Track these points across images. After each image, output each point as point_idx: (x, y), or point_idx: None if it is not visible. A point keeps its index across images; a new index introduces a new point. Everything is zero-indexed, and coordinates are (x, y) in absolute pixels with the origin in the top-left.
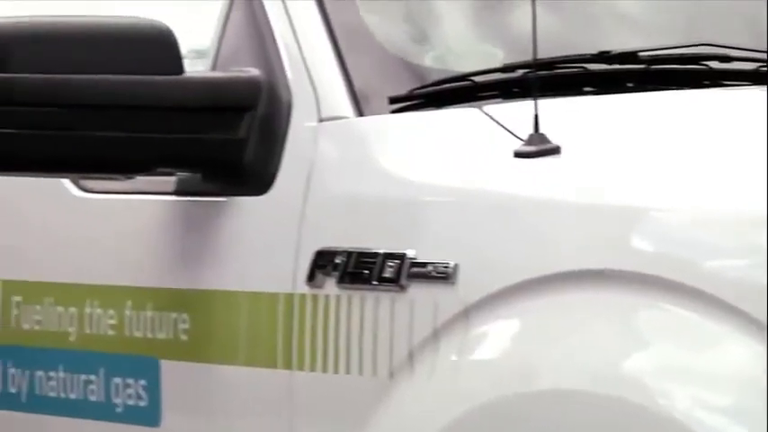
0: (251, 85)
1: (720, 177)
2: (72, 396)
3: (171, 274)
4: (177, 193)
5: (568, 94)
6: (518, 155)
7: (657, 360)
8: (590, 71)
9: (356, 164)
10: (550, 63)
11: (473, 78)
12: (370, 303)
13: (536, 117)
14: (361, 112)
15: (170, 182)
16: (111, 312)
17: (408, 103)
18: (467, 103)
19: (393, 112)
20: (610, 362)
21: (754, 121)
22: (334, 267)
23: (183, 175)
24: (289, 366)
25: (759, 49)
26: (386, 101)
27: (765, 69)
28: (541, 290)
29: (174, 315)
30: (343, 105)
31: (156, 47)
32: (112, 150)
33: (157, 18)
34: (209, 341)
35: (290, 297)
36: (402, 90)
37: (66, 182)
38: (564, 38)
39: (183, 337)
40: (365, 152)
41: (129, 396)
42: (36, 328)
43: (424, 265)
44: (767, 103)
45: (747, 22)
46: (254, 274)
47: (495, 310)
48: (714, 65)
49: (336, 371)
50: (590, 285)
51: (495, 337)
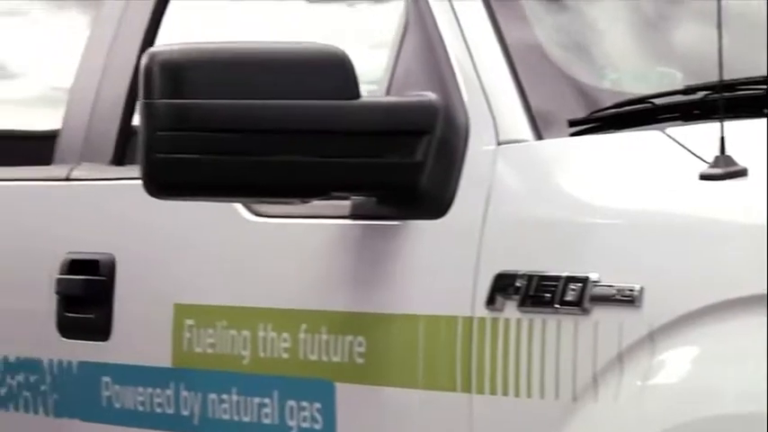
0: (427, 109)
1: None
2: (245, 419)
3: (346, 298)
4: (352, 216)
5: (752, 115)
6: (704, 177)
7: None
8: None
9: (536, 187)
10: (735, 84)
11: (653, 100)
12: (551, 327)
13: (722, 139)
14: (539, 136)
15: (344, 205)
16: (286, 335)
17: (588, 125)
18: (646, 126)
19: (572, 134)
20: None
21: None
22: (515, 291)
23: (358, 198)
24: (468, 390)
25: None
26: (564, 123)
27: None
28: (726, 313)
29: (350, 338)
30: (522, 128)
31: (333, 71)
32: (290, 175)
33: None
34: (385, 364)
35: (468, 320)
36: (577, 112)
37: (239, 206)
38: (743, 59)
39: (359, 360)
40: (546, 175)
41: (304, 419)
42: (209, 351)
43: (607, 288)
44: None
45: None
46: (431, 298)
47: (680, 333)
48: None
49: (517, 394)
50: None
51: (680, 360)
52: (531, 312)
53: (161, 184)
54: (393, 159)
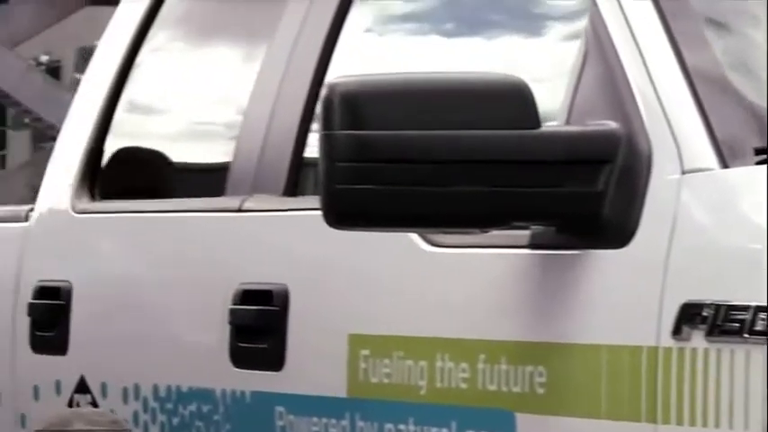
0: (609, 138)
1: None
2: None
3: (526, 327)
4: (531, 246)
5: None
6: None
7: None
8: None
9: (723, 216)
10: None
11: None
12: (740, 356)
13: None
14: (725, 164)
15: (523, 235)
16: (464, 365)
17: None
18: None
19: (758, 162)
20: None
21: None
22: (702, 320)
23: (538, 228)
24: (653, 420)
25: None
26: (749, 151)
27: None
28: None
29: (530, 368)
30: (708, 157)
31: (513, 101)
32: (470, 205)
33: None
34: (567, 394)
35: (654, 350)
36: (761, 139)
37: (414, 236)
38: None
39: (540, 391)
40: (733, 204)
41: None
42: (385, 381)
43: None
44: None
45: None
46: (614, 327)
47: None
48: None
49: (705, 424)
50: None
51: None
52: (719, 342)
53: (340, 214)
54: (574, 189)
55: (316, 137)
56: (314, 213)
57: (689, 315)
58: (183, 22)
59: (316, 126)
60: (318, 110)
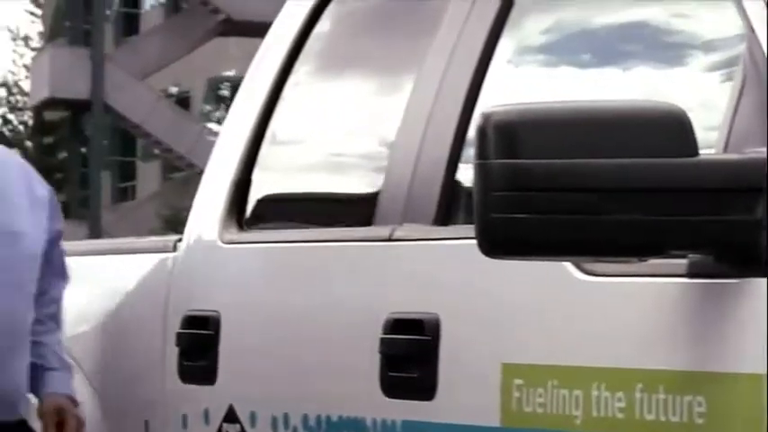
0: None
1: None
2: None
3: (684, 357)
4: (689, 275)
5: None
6: None
7: None
8: None
9: None
10: None
11: None
12: None
13: None
14: None
15: (680, 264)
16: (620, 395)
17: None
18: None
19: None
20: None
21: None
22: None
23: (695, 256)
24: None
25: None
26: None
27: None
28: None
29: (689, 398)
30: None
31: (670, 129)
32: (627, 233)
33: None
34: (727, 424)
35: None
36: None
37: (568, 265)
38: None
39: (699, 421)
40: None
41: None
42: (539, 410)
43: None
44: None
45: None
46: None
47: None
48: None
49: None
50: None
51: None
52: None
53: (495, 243)
54: (732, 217)
55: (466, 165)
56: (465, 242)
57: None
58: (329, 55)
59: (466, 154)
60: (469, 138)
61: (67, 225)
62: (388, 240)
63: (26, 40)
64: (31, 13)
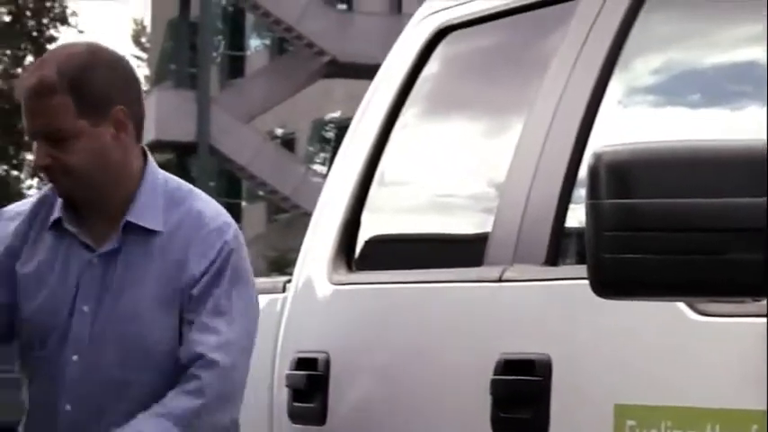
0: None
1: None
2: None
3: None
4: None
5: None
6: None
7: None
8: None
9: None
10: None
11: None
12: None
13: None
14: None
15: None
16: None
17: None
18: None
19: None
20: None
21: None
22: None
23: None
24: None
25: None
26: None
27: None
28: None
29: None
30: None
31: None
32: (742, 273)
33: None
34: None
35: None
36: None
37: (682, 305)
38: None
39: None
40: None
41: None
42: None
43: None
44: None
45: None
46: None
47: None
48: None
49: None
50: None
51: None
52: None
53: (608, 284)
54: None
55: (576, 205)
56: (576, 282)
57: None
58: (437, 97)
59: (576, 195)
60: (579, 178)
61: None
62: (499, 281)
63: None
64: (137, 57)
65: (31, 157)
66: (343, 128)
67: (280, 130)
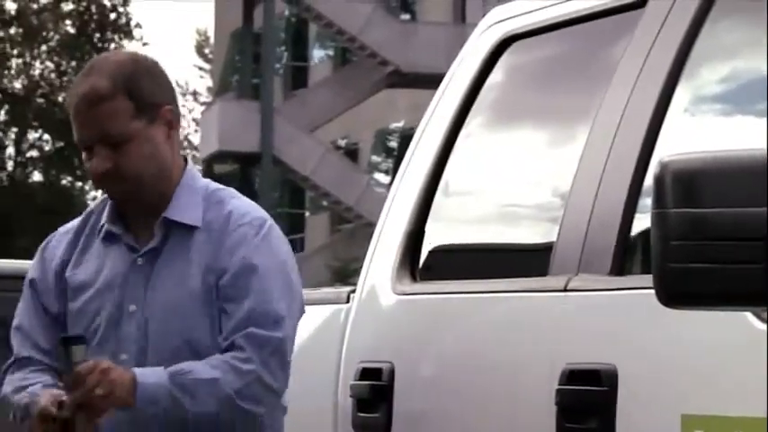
0: None
1: None
2: None
3: None
4: None
5: None
6: None
7: None
8: None
9: None
10: None
11: None
12: None
13: None
14: None
15: None
16: None
17: None
18: None
19: None
20: None
21: None
22: None
23: None
24: None
25: None
26: None
27: None
28: None
29: None
30: None
31: None
32: None
33: None
34: None
35: None
36: None
37: (749, 315)
38: None
39: None
40: None
41: None
42: None
43: None
44: None
45: None
46: None
47: None
48: None
49: None
50: None
51: None
52: None
53: (674, 293)
54: None
55: (642, 215)
56: (642, 292)
57: None
58: (502, 106)
59: (642, 204)
60: (645, 188)
61: None
62: (564, 291)
63: (195, 94)
64: (200, 68)
65: None
66: (406, 137)
67: (343, 141)
